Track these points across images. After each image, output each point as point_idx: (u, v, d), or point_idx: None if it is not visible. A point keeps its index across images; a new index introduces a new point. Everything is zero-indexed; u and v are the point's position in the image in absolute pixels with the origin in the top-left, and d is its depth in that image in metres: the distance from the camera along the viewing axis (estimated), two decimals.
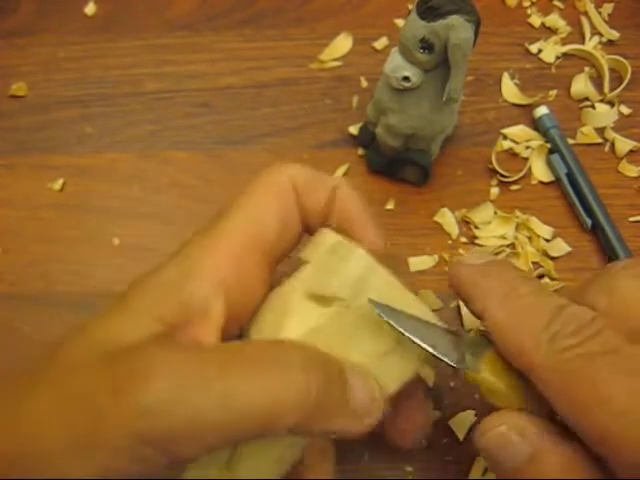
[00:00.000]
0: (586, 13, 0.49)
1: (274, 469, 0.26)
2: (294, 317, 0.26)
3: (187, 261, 0.26)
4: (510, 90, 0.46)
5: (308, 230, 0.29)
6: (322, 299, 0.26)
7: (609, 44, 0.48)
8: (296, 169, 0.28)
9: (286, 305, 0.27)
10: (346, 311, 0.26)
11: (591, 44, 0.47)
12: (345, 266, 0.25)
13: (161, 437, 0.21)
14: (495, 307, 0.25)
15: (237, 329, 0.27)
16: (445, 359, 0.25)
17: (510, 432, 0.24)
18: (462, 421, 0.36)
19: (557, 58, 0.47)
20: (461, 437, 0.36)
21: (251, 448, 0.25)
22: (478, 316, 0.26)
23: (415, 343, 0.25)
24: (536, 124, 0.45)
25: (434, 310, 0.39)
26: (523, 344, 0.24)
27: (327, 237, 0.27)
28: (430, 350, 0.25)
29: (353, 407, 0.24)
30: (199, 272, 0.25)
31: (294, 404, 0.22)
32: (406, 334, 0.25)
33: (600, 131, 0.45)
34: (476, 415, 0.36)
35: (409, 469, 0.36)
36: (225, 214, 0.27)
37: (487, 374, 0.25)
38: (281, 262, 0.28)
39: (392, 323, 0.25)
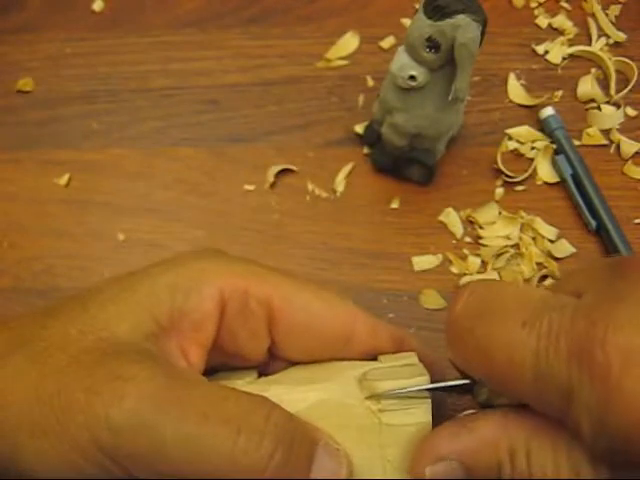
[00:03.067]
0: (593, 15, 0.49)
1: None
2: (332, 384, 0.27)
3: (199, 273, 0.26)
4: (516, 91, 0.46)
5: None
6: (366, 386, 0.26)
7: (616, 46, 0.48)
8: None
9: (332, 371, 0.27)
10: (369, 415, 0.26)
11: (598, 46, 0.47)
12: (407, 384, 0.26)
13: (119, 455, 0.22)
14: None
15: (220, 360, 0.27)
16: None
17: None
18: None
19: (563, 59, 0.47)
20: None
21: None
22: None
23: None
24: (542, 125, 0.45)
25: (437, 309, 0.39)
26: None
27: (412, 357, 0.28)
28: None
29: None
30: (208, 288, 0.25)
31: (251, 469, 0.22)
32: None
33: (606, 133, 0.44)
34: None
35: None
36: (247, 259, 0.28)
37: None
38: None
39: None
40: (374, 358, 0.29)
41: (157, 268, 0.26)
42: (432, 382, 0.27)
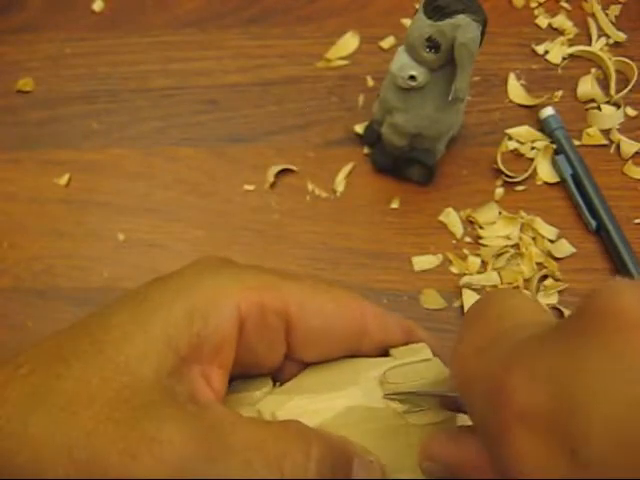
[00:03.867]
0: (593, 15, 0.49)
1: None
2: (355, 388, 0.26)
3: (214, 292, 0.25)
4: (516, 91, 0.46)
5: None
6: (388, 389, 0.26)
7: (616, 46, 0.48)
8: None
9: (349, 373, 0.27)
10: (395, 417, 0.26)
11: (598, 46, 0.47)
12: (429, 385, 0.26)
13: None
14: None
15: (235, 372, 0.27)
16: None
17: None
18: (465, 421, 0.36)
19: (563, 59, 0.47)
20: None
21: None
22: None
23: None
24: (542, 125, 0.45)
25: (437, 309, 0.39)
26: None
27: (425, 351, 0.28)
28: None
29: None
30: (226, 308, 0.25)
31: None
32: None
33: (606, 133, 0.44)
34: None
35: None
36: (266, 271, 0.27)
37: None
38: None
39: None
40: (385, 351, 0.29)
41: (169, 293, 0.25)
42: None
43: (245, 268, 0.27)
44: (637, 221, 0.42)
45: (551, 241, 0.41)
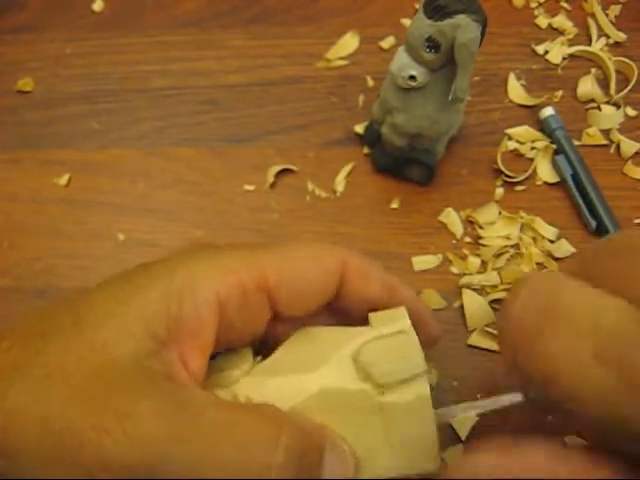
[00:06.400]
0: (593, 15, 0.49)
1: None
2: (328, 368, 0.26)
3: (191, 279, 0.25)
4: (516, 91, 0.46)
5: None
6: (361, 369, 0.26)
7: (616, 46, 0.48)
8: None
9: (327, 346, 0.27)
10: (368, 397, 0.26)
11: (598, 46, 0.47)
12: (402, 365, 0.26)
13: None
14: None
15: (221, 348, 0.27)
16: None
17: None
18: (464, 420, 0.36)
19: (563, 59, 0.47)
20: (463, 437, 0.36)
21: None
22: None
23: None
24: (542, 125, 0.45)
25: (437, 309, 0.39)
26: None
27: (403, 320, 0.28)
28: None
29: None
30: (202, 293, 0.25)
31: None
32: None
33: (606, 133, 0.44)
34: (478, 415, 0.36)
35: None
36: (245, 247, 0.28)
37: None
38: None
39: None
40: (366, 307, 0.29)
41: (149, 278, 0.25)
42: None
43: (222, 250, 0.27)
44: (637, 221, 0.42)
45: (551, 241, 0.41)
